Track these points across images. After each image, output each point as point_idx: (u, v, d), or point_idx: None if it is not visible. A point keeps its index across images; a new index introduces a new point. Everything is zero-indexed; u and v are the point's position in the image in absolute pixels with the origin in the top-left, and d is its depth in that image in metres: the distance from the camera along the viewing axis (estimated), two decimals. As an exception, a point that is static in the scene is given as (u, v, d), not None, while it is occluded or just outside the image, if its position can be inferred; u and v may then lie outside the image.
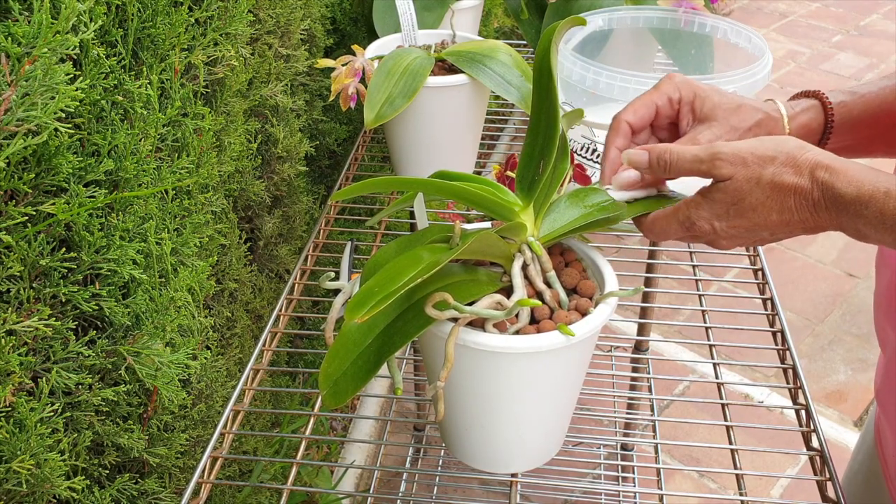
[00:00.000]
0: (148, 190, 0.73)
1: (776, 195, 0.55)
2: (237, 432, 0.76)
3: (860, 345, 2.06)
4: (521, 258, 0.57)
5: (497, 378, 0.56)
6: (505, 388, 0.57)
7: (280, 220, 1.22)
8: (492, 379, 0.57)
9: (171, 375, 0.72)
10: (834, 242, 2.42)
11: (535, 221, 0.59)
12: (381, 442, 1.51)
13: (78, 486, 0.66)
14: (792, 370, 0.80)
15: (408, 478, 1.51)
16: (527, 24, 1.29)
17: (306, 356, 1.60)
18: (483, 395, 0.58)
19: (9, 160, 0.56)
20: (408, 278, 0.48)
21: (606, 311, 0.57)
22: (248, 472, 1.21)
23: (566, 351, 0.55)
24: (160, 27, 0.73)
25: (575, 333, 0.54)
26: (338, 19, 1.44)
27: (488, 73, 0.98)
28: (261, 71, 1.05)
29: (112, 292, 0.69)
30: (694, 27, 1.05)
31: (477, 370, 0.56)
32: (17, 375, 0.60)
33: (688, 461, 1.70)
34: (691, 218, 0.58)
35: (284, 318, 0.88)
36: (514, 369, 0.55)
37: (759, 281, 0.93)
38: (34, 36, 0.52)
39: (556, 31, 0.56)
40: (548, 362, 0.56)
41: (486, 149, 2.14)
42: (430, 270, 0.49)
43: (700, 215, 0.58)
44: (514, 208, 0.58)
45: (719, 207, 0.57)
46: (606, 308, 0.57)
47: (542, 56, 0.56)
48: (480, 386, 0.57)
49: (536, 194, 0.59)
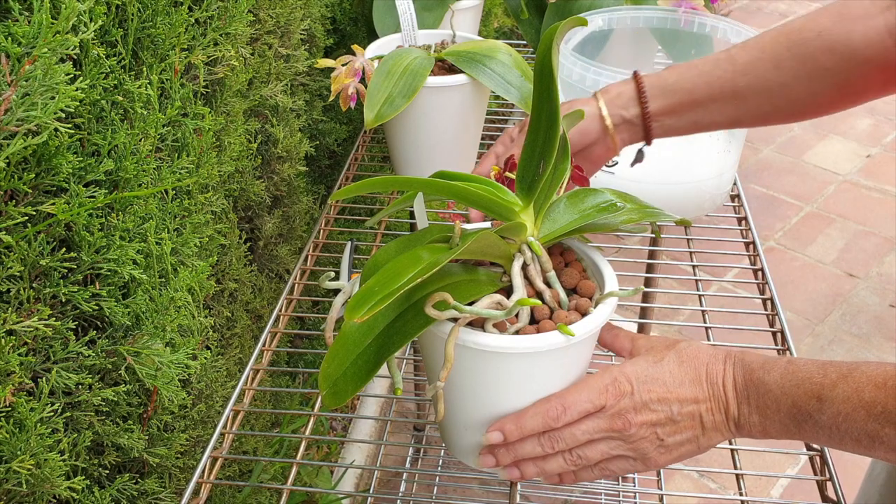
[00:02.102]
0: (148, 190, 0.73)
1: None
2: (237, 432, 0.76)
3: (860, 345, 2.06)
4: (521, 258, 0.57)
5: (497, 378, 0.56)
6: (505, 388, 0.57)
7: (280, 220, 1.22)
8: (492, 379, 0.57)
9: (171, 375, 0.72)
10: (834, 242, 2.42)
11: (535, 221, 0.59)
12: (381, 442, 1.51)
13: (78, 486, 0.66)
14: (792, 370, 0.80)
15: (408, 478, 1.51)
16: (527, 24, 1.29)
17: (306, 356, 1.60)
18: (483, 395, 0.58)
19: (9, 160, 0.56)
20: (407, 278, 0.48)
21: (606, 312, 0.57)
22: (248, 472, 1.21)
23: (566, 351, 0.55)
24: (160, 27, 0.73)
25: (575, 333, 0.54)
26: (338, 19, 1.44)
27: (488, 73, 0.98)
28: (261, 71, 1.05)
29: (112, 292, 0.69)
30: (694, 27, 1.05)
31: (477, 370, 0.56)
32: (17, 375, 0.60)
33: (688, 461, 1.69)
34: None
35: (284, 318, 0.88)
36: (513, 369, 0.55)
37: (759, 281, 0.93)
38: (34, 36, 0.52)
39: (557, 32, 0.56)
40: (548, 362, 0.56)
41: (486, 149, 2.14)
42: (429, 270, 0.49)
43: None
44: (515, 208, 0.58)
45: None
46: (606, 308, 0.57)
47: (544, 56, 0.56)
48: (480, 386, 0.57)
49: (536, 195, 0.59)
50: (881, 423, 0.49)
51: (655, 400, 0.56)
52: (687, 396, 0.56)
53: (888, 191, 2.66)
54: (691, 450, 0.58)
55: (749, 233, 1.01)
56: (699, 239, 1.02)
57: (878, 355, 2.03)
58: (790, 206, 2.60)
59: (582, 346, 0.57)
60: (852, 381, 0.51)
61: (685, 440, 0.57)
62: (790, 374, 0.54)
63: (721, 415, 0.56)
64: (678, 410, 0.56)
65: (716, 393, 0.56)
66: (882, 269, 2.30)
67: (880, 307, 2.16)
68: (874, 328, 2.10)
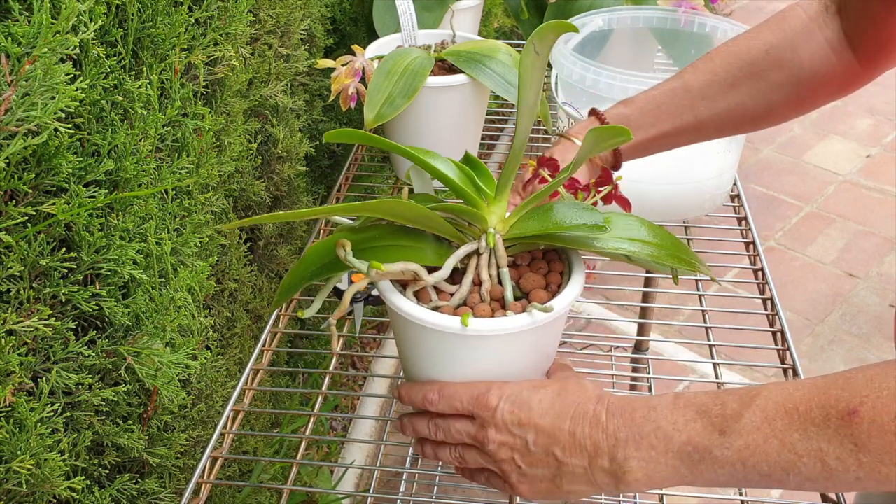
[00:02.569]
0: (148, 190, 0.73)
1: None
2: (237, 432, 0.76)
3: (860, 345, 2.06)
4: (476, 245, 0.58)
5: (406, 340, 0.60)
6: (416, 354, 0.60)
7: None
8: (401, 339, 0.61)
9: (171, 375, 0.72)
10: (834, 242, 2.42)
11: (503, 216, 0.59)
12: (381, 442, 1.51)
13: (78, 486, 0.66)
14: (792, 370, 0.80)
15: (408, 478, 1.51)
16: (527, 24, 1.29)
17: (306, 356, 1.60)
18: (402, 354, 0.62)
19: (9, 160, 0.56)
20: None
21: (506, 323, 0.55)
22: (248, 472, 1.21)
23: (461, 339, 0.55)
24: (160, 27, 0.73)
25: (469, 325, 0.54)
26: (338, 19, 1.44)
27: (488, 73, 0.98)
28: (261, 71, 1.05)
29: (112, 292, 0.69)
30: (694, 27, 1.05)
31: (396, 328, 0.61)
32: (17, 375, 0.60)
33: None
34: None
35: (284, 318, 0.88)
36: (416, 337, 0.58)
37: (759, 281, 0.93)
38: (34, 36, 0.52)
39: (534, 36, 0.53)
40: (442, 342, 0.57)
41: (486, 149, 2.14)
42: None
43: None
44: (482, 199, 0.59)
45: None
46: (509, 321, 0.55)
47: (520, 65, 0.56)
48: (399, 342, 0.62)
49: (504, 190, 0.60)
50: (798, 454, 0.46)
51: (515, 423, 0.53)
52: (545, 428, 0.53)
53: (888, 191, 2.66)
54: (551, 489, 0.54)
55: (749, 233, 1.01)
56: (699, 239, 1.02)
57: (879, 355, 2.03)
58: (790, 206, 2.60)
59: (478, 341, 0.55)
60: (759, 410, 0.47)
61: (542, 476, 0.54)
62: (681, 409, 0.50)
63: (581, 460, 0.52)
64: (533, 440, 0.53)
65: (577, 435, 0.52)
66: (882, 269, 2.30)
67: (880, 307, 2.16)
68: (874, 328, 2.10)
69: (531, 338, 0.56)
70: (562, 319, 0.59)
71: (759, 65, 0.73)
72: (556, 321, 0.58)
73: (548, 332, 0.58)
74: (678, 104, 0.75)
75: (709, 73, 0.75)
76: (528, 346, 0.57)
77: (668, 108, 0.75)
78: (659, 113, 0.75)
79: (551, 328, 0.58)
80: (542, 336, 0.58)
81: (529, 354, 0.58)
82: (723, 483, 0.49)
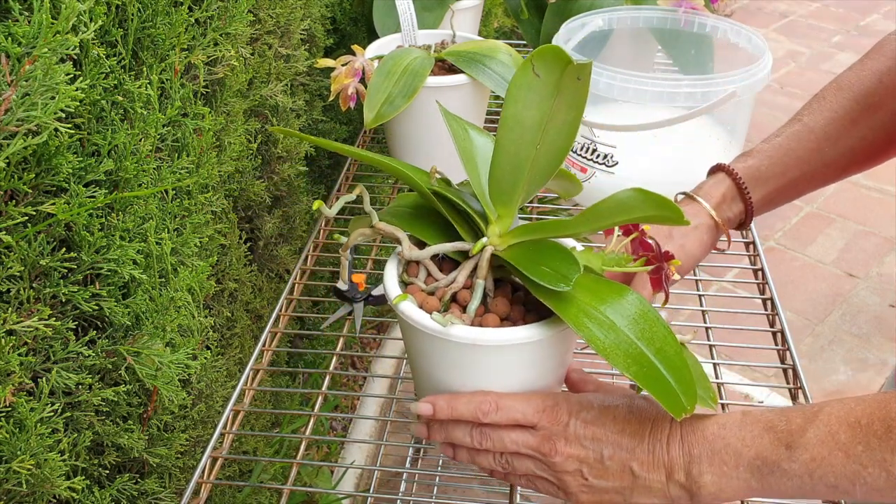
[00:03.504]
0: (148, 190, 0.73)
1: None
2: (237, 432, 0.76)
3: (860, 345, 2.06)
4: (468, 246, 0.59)
5: (411, 342, 0.60)
6: (427, 360, 0.59)
7: (280, 220, 1.22)
8: (407, 342, 0.62)
9: (171, 375, 0.72)
10: (834, 242, 2.42)
11: (504, 232, 0.59)
12: (381, 442, 1.51)
13: (78, 486, 0.66)
14: (792, 370, 0.80)
15: (408, 478, 1.51)
16: (527, 24, 1.29)
17: (306, 356, 1.60)
18: (413, 360, 0.63)
19: (9, 160, 0.56)
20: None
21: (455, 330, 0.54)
22: (248, 472, 1.21)
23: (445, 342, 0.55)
24: (160, 27, 0.73)
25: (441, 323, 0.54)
26: (338, 19, 1.44)
27: (488, 73, 0.98)
28: (261, 71, 1.05)
29: (112, 292, 0.69)
30: (694, 27, 1.05)
31: (405, 334, 0.62)
32: (17, 375, 0.60)
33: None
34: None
35: (284, 318, 0.88)
36: (416, 337, 0.58)
37: (759, 281, 0.93)
38: (34, 36, 0.52)
39: (538, 59, 0.53)
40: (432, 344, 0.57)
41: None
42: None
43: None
44: (477, 218, 0.60)
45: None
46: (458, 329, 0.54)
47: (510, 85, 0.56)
48: (410, 349, 0.62)
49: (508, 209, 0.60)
50: (862, 464, 0.48)
51: (589, 437, 0.54)
52: (624, 444, 0.54)
53: (888, 191, 2.66)
54: (616, 501, 0.55)
55: (749, 233, 1.01)
56: (699, 239, 1.02)
57: (878, 355, 2.03)
58: (790, 205, 2.59)
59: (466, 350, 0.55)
60: (822, 425, 0.49)
61: (611, 488, 0.55)
62: (749, 426, 0.52)
63: (659, 475, 0.53)
64: (609, 454, 0.54)
65: (656, 451, 0.53)
66: (882, 269, 2.30)
67: (880, 307, 2.16)
68: (874, 328, 2.10)
69: (540, 349, 0.57)
70: (565, 335, 0.59)
71: (876, 94, 0.72)
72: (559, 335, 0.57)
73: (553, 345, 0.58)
74: (805, 147, 0.74)
75: (827, 111, 0.74)
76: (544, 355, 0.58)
77: (797, 154, 0.74)
78: (787, 160, 0.74)
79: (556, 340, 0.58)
80: (553, 346, 0.58)
81: (546, 362, 0.59)
82: (792, 494, 0.51)
